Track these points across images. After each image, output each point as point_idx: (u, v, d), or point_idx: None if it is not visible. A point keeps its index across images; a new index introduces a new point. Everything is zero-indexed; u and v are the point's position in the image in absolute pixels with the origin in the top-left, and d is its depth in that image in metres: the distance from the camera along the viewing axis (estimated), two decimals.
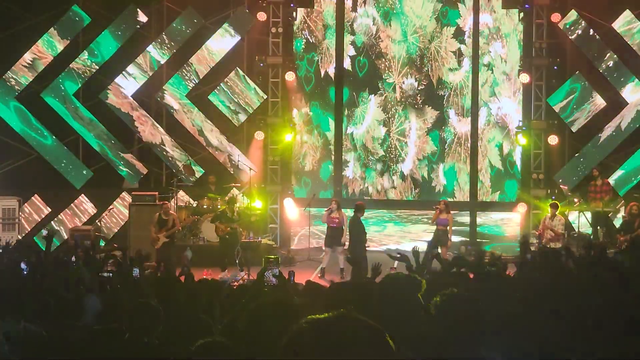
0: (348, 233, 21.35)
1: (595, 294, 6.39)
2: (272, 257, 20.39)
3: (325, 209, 22.00)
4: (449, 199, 24.11)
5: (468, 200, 25.68)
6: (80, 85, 26.11)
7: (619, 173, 25.12)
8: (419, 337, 4.97)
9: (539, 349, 4.16)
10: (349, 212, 21.89)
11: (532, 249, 16.18)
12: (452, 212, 22.24)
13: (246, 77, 25.84)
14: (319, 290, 8.64)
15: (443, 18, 25.55)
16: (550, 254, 19.15)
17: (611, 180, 24.60)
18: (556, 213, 21.37)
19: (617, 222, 23.67)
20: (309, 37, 26.04)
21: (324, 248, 22.22)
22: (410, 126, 25.81)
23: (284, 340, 3.28)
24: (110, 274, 12.18)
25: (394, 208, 26.24)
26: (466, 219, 25.47)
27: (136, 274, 11.73)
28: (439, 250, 20.36)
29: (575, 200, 24.28)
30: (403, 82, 25.69)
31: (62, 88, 26.00)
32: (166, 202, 22.76)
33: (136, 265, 12.27)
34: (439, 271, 9.98)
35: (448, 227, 21.68)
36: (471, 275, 9.62)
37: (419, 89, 25.67)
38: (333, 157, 26.05)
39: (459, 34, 25.58)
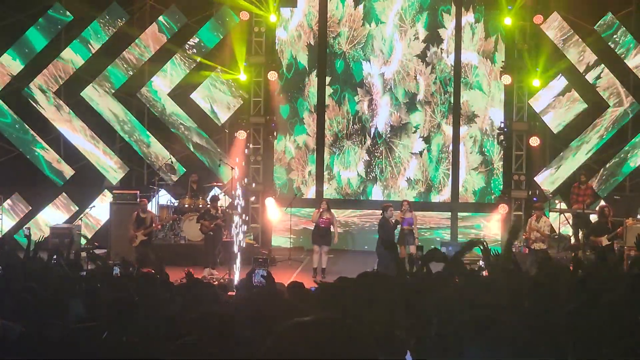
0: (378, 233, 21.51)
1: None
2: (261, 257, 20.38)
3: (316, 209, 22.03)
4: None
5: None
6: (62, 83, 26.04)
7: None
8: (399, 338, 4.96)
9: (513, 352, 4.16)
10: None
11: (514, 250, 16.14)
12: (419, 212, 22.22)
13: (229, 76, 25.79)
14: (304, 291, 8.62)
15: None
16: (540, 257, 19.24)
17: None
18: (542, 215, 21.38)
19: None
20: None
21: (313, 246, 22.23)
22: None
23: (267, 341, 3.27)
24: (89, 273, 12.12)
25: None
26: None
27: (116, 272, 11.71)
28: (408, 250, 20.53)
29: (557, 202, 24.35)
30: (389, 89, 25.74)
31: (44, 86, 25.91)
32: (144, 199, 22.69)
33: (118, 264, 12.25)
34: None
35: (413, 226, 21.74)
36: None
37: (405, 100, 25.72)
38: (315, 156, 26.02)
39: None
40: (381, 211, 21.09)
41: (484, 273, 8.78)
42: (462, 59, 25.51)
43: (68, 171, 26.10)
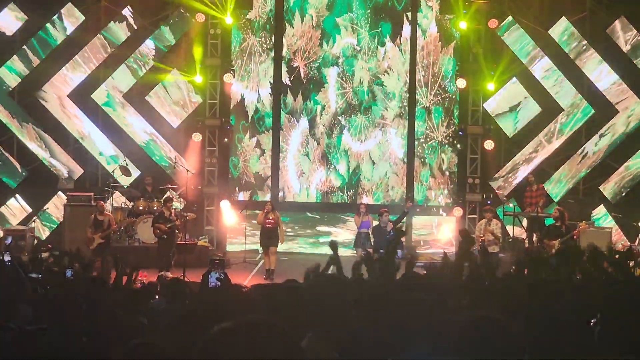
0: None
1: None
2: (217, 259, 20.25)
3: (261, 211, 22.04)
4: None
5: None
6: (16, 84, 25.84)
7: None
8: (346, 339, 4.95)
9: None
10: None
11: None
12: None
13: (184, 78, 25.70)
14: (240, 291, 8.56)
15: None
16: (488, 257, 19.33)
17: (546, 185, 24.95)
18: (492, 218, 21.50)
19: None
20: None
21: (259, 248, 22.25)
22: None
23: (197, 344, 3.29)
24: (40, 275, 12.00)
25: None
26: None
27: (69, 275, 11.61)
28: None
29: (511, 205, 24.52)
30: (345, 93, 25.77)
31: None
32: (101, 201, 22.56)
33: (71, 264, 12.15)
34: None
35: (370, 230, 21.91)
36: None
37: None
38: (270, 160, 25.96)
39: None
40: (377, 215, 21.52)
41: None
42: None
43: (22, 172, 25.90)
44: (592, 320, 5.49)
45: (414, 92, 25.52)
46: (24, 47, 25.75)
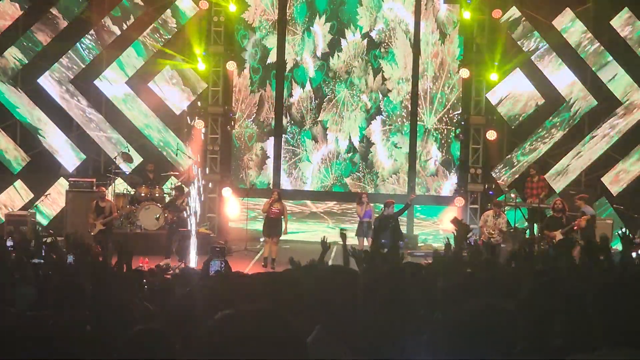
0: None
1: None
2: (218, 247, 20.30)
3: (267, 199, 22.05)
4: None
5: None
6: (18, 71, 25.85)
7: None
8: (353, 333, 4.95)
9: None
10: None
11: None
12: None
13: (188, 65, 25.69)
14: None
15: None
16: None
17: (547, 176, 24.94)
18: (500, 212, 21.42)
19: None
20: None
21: (262, 238, 22.30)
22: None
23: (200, 331, 3.30)
24: (42, 260, 12.01)
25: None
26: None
27: (70, 260, 11.61)
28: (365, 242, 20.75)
29: (513, 196, 24.51)
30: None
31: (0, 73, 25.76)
32: (102, 187, 22.58)
33: (71, 251, 12.14)
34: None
35: (372, 219, 21.95)
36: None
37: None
38: (273, 150, 25.93)
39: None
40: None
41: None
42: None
43: (24, 158, 25.93)
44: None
45: (416, 84, 25.50)
46: (28, 31, 25.74)
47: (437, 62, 25.49)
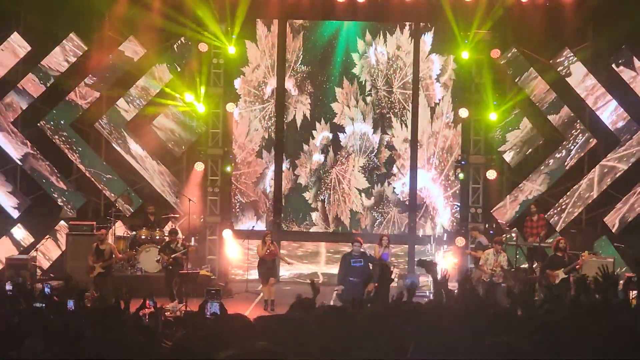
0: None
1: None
2: (214, 289, 20.25)
3: (261, 242, 22.11)
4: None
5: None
6: (19, 113, 25.93)
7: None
8: None
9: None
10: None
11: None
12: (390, 245, 22.33)
13: (187, 107, 25.74)
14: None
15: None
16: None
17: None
18: (501, 250, 21.36)
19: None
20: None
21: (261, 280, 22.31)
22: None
23: None
24: (43, 304, 11.96)
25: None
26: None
27: (70, 306, 11.57)
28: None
29: (513, 235, 24.47)
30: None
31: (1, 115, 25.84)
32: (103, 230, 22.57)
33: (72, 296, 12.09)
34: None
35: (389, 261, 21.80)
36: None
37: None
38: (273, 190, 25.96)
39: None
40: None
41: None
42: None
43: (24, 202, 25.93)
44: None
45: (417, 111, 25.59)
46: (28, 75, 25.86)
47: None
